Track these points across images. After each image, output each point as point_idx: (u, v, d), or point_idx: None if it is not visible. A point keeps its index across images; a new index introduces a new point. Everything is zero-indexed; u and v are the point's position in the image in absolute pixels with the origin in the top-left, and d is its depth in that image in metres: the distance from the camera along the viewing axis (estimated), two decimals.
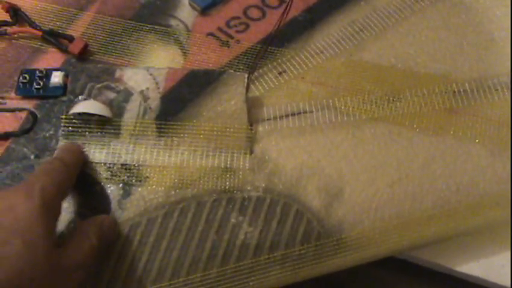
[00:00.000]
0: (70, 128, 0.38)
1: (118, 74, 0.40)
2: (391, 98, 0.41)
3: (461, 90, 0.41)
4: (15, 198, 0.28)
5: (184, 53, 0.43)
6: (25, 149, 0.38)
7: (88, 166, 0.37)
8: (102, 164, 0.37)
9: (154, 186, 0.37)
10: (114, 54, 0.43)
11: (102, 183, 0.37)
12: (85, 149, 0.38)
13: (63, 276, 0.29)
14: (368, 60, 0.43)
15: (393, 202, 0.37)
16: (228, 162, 0.38)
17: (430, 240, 0.36)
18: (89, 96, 0.39)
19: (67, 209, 0.36)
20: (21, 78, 0.40)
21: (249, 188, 0.37)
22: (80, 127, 0.38)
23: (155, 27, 0.45)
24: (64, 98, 0.40)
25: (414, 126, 0.40)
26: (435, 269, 0.39)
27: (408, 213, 0.37)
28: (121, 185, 0.37)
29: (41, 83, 0.40)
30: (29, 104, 0.40)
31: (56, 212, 0.31)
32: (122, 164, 0.37)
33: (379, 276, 0.43)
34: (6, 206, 0.28)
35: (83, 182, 0.37)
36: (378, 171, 0.38)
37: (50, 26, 0.44)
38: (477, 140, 0.39)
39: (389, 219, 0.36)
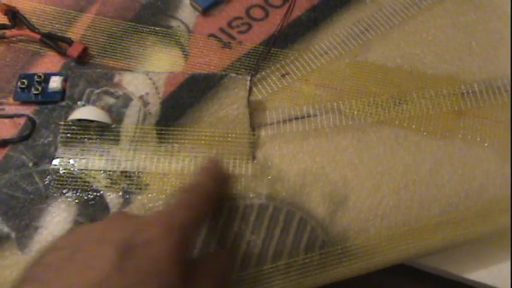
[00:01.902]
0: (69, 134, 0.37)
1: (117, 78, 0.39)
2: (397, 101, 0.40)
3: (470, 91, 0.40)
4: (154, 231, 0.27)
5: (185, 55, 0.42)
6: (23, 157, 0.37)
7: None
8: (101, 172, 0.36)
9: (154, 194, 0.36)
10: (114, 57, 0.42)
11: (101, 192, 0.36)
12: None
13: None
14: (373, 61, 0.42)
15: (400, 209, 0.36)
16: (230, 169, 0.37)
17: (438, 247, 0.35)
18: (88, 102, 0.38)
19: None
20: (19, 83, 0.40)
21: (251, 195, 0.36)
22: (79, 134, 0.37)
23: (156, 28, 0.44)
24: (63, 104, 0.39)
25: (422, 129, 0.38)
26: (443, 276, 0.38)
27: (415, 220, 0.36)
28: (120, 193, 0.36)
29: (40, 88, 0.39)
30: (27, 110, 0.39)
31: (192, 248, 0.30)
32: (122, 171, 0.36)
33: (383, 282, 0.42)
34: (144, 240, 0.26)
35: (81, 189, 0.36)
36: (384, 177, 0.37)
37: (49, 29, 0.43)
38: (486, 144, 0.38)
39: (396, 227, 0.35)
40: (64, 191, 0.36)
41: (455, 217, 0.36)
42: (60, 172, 0.36)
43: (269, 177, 0.36)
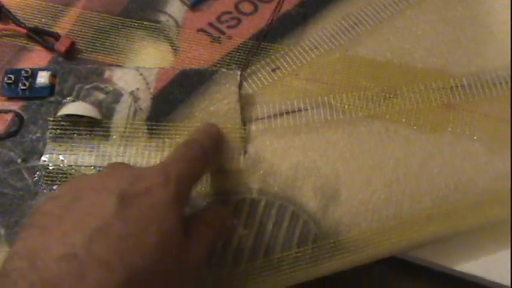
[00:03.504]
0: (58, 130, 0.37)
1: (107, 74, 0.39)
2: (387, 95, 0.40)
3: (459, 85, 0.40)
4: (152, 180, 0.27)
5: (175, 50, 0.42)
6: (11, 153, 0.37)
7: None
8: (91, 167, 0.36)
9: None
10: (102, 52, 0.42)
11: None
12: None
13: (188, 270, 0.28)
14: (363, 56, 0.42)
15: (391, 202, 0.36)
16: (221, 164, 0.37)
17: (429, 240, 0.36)
18: (77, 98, 0.38)
19: None
20: (5, 78, 0.39)
21: (243, 189, 0.36)
22: (68, 129, 0.37)
23: (145, 23, 0.43)
24: (51, 99, 0.38)
25: (411, 123, 0.39)
26: (434, 268, 0.38)
27: (407, 213, 0.36)
28: None
29: (27, 84, 0.39)
30: (14, 106, 0.39)
31: (187, 201, 0.30)
32: None
33: (377, 274, 0.42)
34: (143, 189, 0.26)
35: None
36: (375, 171, 0.37)
37: (35, 23, 0.43)
38: (475, 137, 0.38)
39: (387, 220, 0.36)
40: (54, 187, 0.36)
41: (445, 210, 0.36)
42: (50, 168, 0.36)
43: (261, 171, 0.36)
